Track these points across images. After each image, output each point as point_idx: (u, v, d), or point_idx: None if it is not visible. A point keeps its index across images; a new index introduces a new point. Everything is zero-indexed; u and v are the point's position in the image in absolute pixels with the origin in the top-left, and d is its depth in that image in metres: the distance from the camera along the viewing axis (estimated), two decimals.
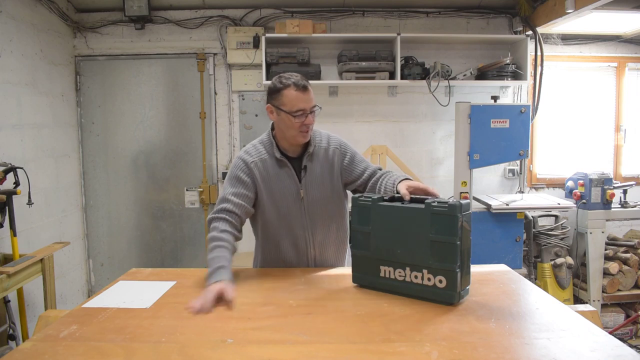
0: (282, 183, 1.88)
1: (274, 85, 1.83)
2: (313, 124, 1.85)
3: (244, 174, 1.87)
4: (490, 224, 3.42)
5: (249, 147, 1.95)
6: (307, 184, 1.89)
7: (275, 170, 1.88)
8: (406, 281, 1.58)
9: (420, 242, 1.55)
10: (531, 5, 3.64)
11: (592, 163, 4.03)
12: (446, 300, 1.51)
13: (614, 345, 1.21)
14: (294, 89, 1.78)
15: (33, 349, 1.24)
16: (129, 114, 3.91)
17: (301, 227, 1.91)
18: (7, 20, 2.99)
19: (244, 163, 1.89)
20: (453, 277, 1.50)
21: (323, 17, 3.84)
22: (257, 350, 1.24)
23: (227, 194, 1.85)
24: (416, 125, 3.99)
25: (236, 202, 1.83)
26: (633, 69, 4.10)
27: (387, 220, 1.62)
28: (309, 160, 1.90)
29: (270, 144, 1.91)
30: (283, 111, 1.80)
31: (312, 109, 1.81)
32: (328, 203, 1.93)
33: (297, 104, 1.78)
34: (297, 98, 1.78)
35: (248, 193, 1.86)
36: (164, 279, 1.81)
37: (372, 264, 1.65)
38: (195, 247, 4.01)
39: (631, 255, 3.64)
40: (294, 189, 1.88)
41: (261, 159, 1.89)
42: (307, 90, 1.80)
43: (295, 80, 1.79)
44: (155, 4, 3.72)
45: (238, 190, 1.85)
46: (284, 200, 1.88)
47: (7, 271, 2.37)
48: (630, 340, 3.50)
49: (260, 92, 3.89)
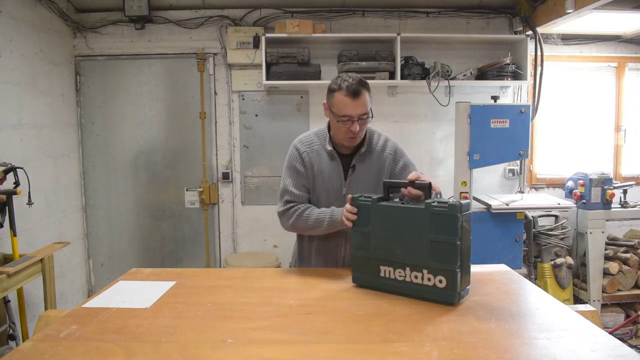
0: (328, 176, 1.90)
1: (331, 84, 1.83)
2: (361, 130, 1.82)
3: (298, 163, 1.92)
4: (490, 224, 3.42)
5: (303, 137, 1.98)
6: (351, 182, 1.91)
7: (325, 162, 1.91)
8: (406, 281, 1.58)
9: (420, 242, 1.55)
10: (531, 5, 3.64)
11: (592, 163, 4.03)
12: (446, 300, 1.51)
13: (614, 345, 1.21)
14: (344, 94, 1.76)
15: (33, 349, 1.24)
16: (129, 114, 3.91)
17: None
18: (7, 20, 2.99)
19: (297, 153, 1.93)
20: (453, 277, 1.50)
21: (323, 17, 3.84)
22: (257, 350, 1.24)
23: (288, 185, 1.92)
24: (416, 125, 3.99)
25: (297, 194, 1.91)
26: (633, 69, 4.10)
27: (387, 220, 1.62)
28: (359, 160, 1.91)
29: (325, 137, 1.93)
30: (332, 112, 1.82)
31: (360, 116, 1.78)
32: None
33: (344, 109, 1.77)
34: (345, 104, 1.76)
35: (305, 183, 1.92)
36: (164, 279, 1.81)
37: (372, 264, 1.65)
38: (195, 247, 4.01)
39: (631, 255, 3.64)
40: (337, 185, 1.90)
41: (312, 149, 1.93)
42: (357, 97, 1.76)
43: (349, 84, 1.76)
44: (155, 4, 3.72)
45: (296, 180, 1.92)
46: (326, 193, 1.91)
47: (7, 271, 2.37)
48: (630, 340, 3.50)
49: (260, 92, 3.89)
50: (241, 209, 4.00)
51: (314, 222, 1.85)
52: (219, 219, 4.00)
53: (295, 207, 1.89)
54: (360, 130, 1.80)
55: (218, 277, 1.91)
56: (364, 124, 1.82)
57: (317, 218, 1.84)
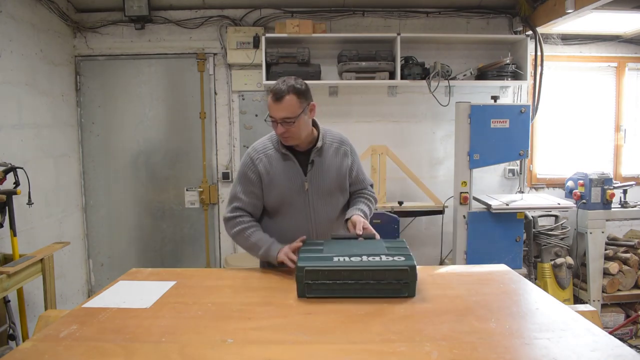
0: (286, 175, 1.94)
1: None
2: (289, 132, 1.86)
3: (250, 171, 1.97)
4: (490, 224, 3.42)
5: (257, 143, 2.04)
6: (312, 177, 1.95)
7: (280, 163, 1.95)
8: (363, 261, 1.58)
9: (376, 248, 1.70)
10: (531, 5, 3.64)
11: (592, 163, 4.03)
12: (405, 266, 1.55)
13: (614, 345, 1.21)
14: (271, 97, 1.85)
15: (33, 349, 1.24)
16: (129, 114, 3.91)
17: (305, 219, 1.97)
18: (7, 20, 2.99)
19: (250, 160, 1.98)
20: (411, 257, 1.61)
21: (323, 17, 3.84)
22: (257, 350, 1.24)
23: (238, 192, 1.99)
24: (416, 125, 3.99)
25: (246, 201, 1.97)
26: (633, 69, 4.10)
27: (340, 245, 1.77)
28: (317, 155, 1.96)
29: (277, 139, 1.97)
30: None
31: (284, 119, 1.83)
32: (333, 197, 2.01)
33: (270, 111, 1.87)
34: (270, 106, 1.86)
35: (255, 190, 1.97)
36: (164, 279, 1.81)
37: (323, 260, 1.62)
38: (195, 247, 4.01)
39: (631, 255, 3.64)
40: (298, 181, 1.94)
41: (266, 153, 1.97)
42: (279, 101, 1.83)
43: (276, 88, 1.85)
44: (155, 4, 3.72)
45: (246, 188, 1.98)
46: (288, 192, 1.94)
47: (7, 271, 2.37)
48: (630, 340, 3.50)
49: (260, 92, 3.89)
50: None
51: (251, 245, 1.94)
52: (219, 219, 4.00)
53: (240, 220, 1.96)
54: (287, 132, 1.85)
55: (218, 277, 1.91)
56: (290, 127, 1.85)
57: (254, 243, 1.92)
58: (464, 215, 3.41)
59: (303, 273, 1.57)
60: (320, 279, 1.56)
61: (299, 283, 1.58)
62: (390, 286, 1.56)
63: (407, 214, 3.70)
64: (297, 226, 1.96)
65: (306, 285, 1.57)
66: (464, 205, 3.42)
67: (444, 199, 3.70)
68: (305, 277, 1.56)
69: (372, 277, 1.55)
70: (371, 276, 1.55)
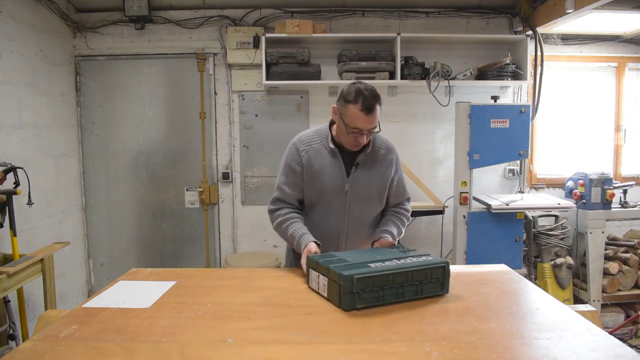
0: (330, 173, 1.91)
1: (346, 94, 1.82)
2: (367, 141, 1.86)
3: (294, 162, 1.94)
4: (490, 224, 3.42)
5: (303, 135, 1.99)
6: (354, 179, 1.92)
7: (327, 159, 1.92)
8: (402, 264, 1.57)
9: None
10: (531, 5, 3.64)
11: (592, 163, 4.02)
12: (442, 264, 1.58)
13: (614, 345, 1.21)
14: (359, 108, 1.77)
15: (33, 349, 1.24)
16: (129, 114, 3.91)
17: (339, 220, 1.94)
18: (7, 20, 2.99)
19: (295, 150, 1.95)
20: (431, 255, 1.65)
21: (323, 17, 3.84)
22: (257, 350, 1.24)
23: (281, 182, 1.96)
24: (416, 125, 3.99)
25: (288, 192, 1.95)
26: (633, 69, 4.10)
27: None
28: (362, 159, 1.93)
29: (326, 135, 1.94)
30: (342, 121, 1.83)
31: (370, 130, 1.82)
32: (370, 203, 1.98)
33: (356, 122, 1.79)
34: (359, 118, 1.78)
35: (298, 182, 1.94)
36: (164, 279, 1.81)
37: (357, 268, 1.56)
38: (195, 247, 4.01)
39: (631, 255, 3.63)
40: (340, 181, 1.92)
41: (312, 147, 1.93)
42: (371, 113, 1.78)
43: (364, 98, 1.77)
44: (155, 4, 3.72)
45: (289, 179, 1.94)
46: (328, 190, 1.92)
47: (7, 271, 2.37)
48: (630, 340, 3.50)
49: (260, 92, 3.89)
50: (241, 209, 4.00)
51: (288, 238, 1.92)
52: (219, 219, 4.00)
53: (279, 212, 1.94)
54: (366, 140, 1.85)
55: (218, 277, 1.91)
56: (371, 135, 1.86)
57: (290, 235, 1.90)
58: (464, 215, 3.41)
59: (352, 282, 1.44)
60: (369, 286, 1.47)
61: (346, 294, 1.45)
62: (430, 285, 1.56)
63: None
64: (330, 226, 1.94)
65: (356, 295, 1.46)
66: (464, 205, 3.42)
67: (444, 199, 3.70)
68: (355, 286, 1.45)
69: (415, 279, 1.54)
70: (414, 277, 1.54)
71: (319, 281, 1.61)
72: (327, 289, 1.55)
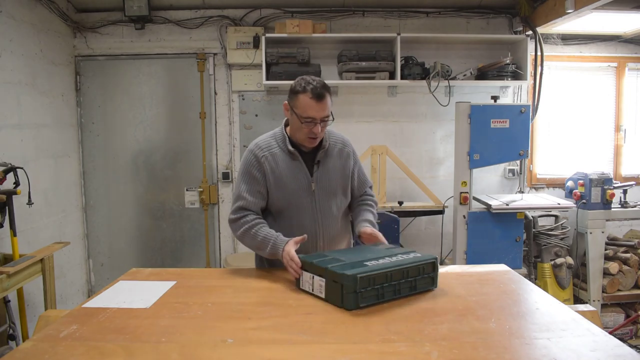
0: (293, 176, 1.91)
1: (294, 86, 1.85)
2: (322, 132, 1.86)
3: (254, 169, 1.91)
4: (490, 224, 3.42)
5: (260, 141, 1.98)
6: (319, 177, 1.93)
7: (287, 163, 1.91)
8: (395, 261, 1.59)
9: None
10: (531, 5, 3.64)
11: (592, 163, 4.03)
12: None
13: (614, 345, 1.21)
14: (309, 96, 1.79)
15: (33, 349, 1.24)
16: (129, 114, 3.91)
17: (312, 220, 1.93)
18: (7, 20, 2.99)
19: (254, 157, 1.92)
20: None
21: (323, 17, 3.84)
22: (257, 350, 1.24)
23: (242, 191, 1.91)
24: (416, 125, 3.99)
25: (251, 200, 1.90)
26: (633, 69, 4.10)
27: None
28: (322, 156, 1.94)
29: (283, 138, 1.94)
30: (295, 113, 1.83)
31: (323, 119, 1.82)
32: (338, 198, 1.99)
33: (308, 111, 1.80)
34: (310, 106, 1.79)
35: (260, 189, 1.91)
36: (164, 279, 1.81)
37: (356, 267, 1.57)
38: (195, 247, 4.01)
39: (631, 255, 3.63)
40: (305, 182, 1.91)
41: (272, 152, 1.92)
42: (321, 100, 1.79)
43: (313, 87, 1.79)
44: (155, 4, 3.72)
45: (251, 187, 1.91)
46: (295, 193, 1.91)
47: (7, 271, 2.37)
48: (630, 340, 3.50)
49: (260, 92, 3.89)
50: None
51: (258, 243, 1.84)
52: (219, 219, 4.00)
53: (245, 220, 1.88)
54: (321, 131, 1.85)
55: (218, 277, 1.91)
56: (325, 126, 1.86)
57: (261, 241, 1.83)
58: (464, 215, 3.41)
59: (356, 282, 1.44)
60: (370, 284, 1.48)
61: (349, 294, 1.45)
62: (423, 281, 1.60)
63: (407, 214, 3.70)
64: (303, 228, 1.91)
65: (359, 294, 1.46)
66: (464, 205, 3.42)
67: (444, 199, 3.70)
68: (358, 285, 1.45)
69: (410, 275, 1.57)
70: (409, 274, 1.56)
71: (313, 282, 1.60)
72: (325, 290, 1.55)
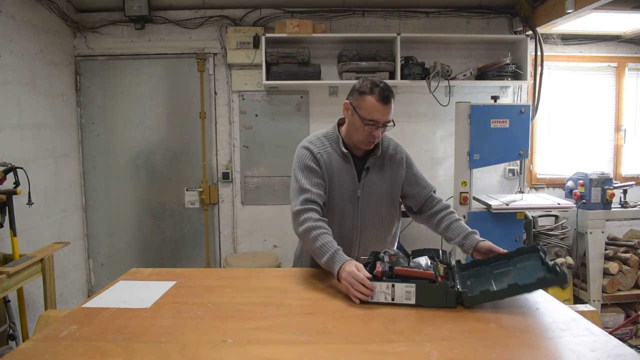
0: (342, 179, 1.87)
1: (360, 86, 1.81)
2: (381, 136, 1.83)
3: (313, 162, 1.85)
4: (490, 224, 3.42)
5: (313, 139, 1.92)
6: (365, 184, 1.89)
7: (338, 164, 1.87)
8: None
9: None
10: (531, 5, 3.64)
11: (592, 163, 4.03)
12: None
13: (614, 345, 1.21)
14: (377, 98, 1.75)
15: (33, 349, 1.24)
16: (129, 114, 3.91)
17: (351, 226, 1.90)
18: (7, 20, 2.99)
19: (310, 153, 1.87)
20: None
21: (323, 17, 3.84)
22: (257, 350, 1.24)
23: (304, 184, 1.81)
24: (416, 125, 3.99)
25: (315, 192, 1.80)
26: (633, 69, 4.10)
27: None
28: (372, 163, 1.90)
29: (336, 139, 1.90)
30: (358, 114, 1.79)
31: (385, 123, 1.79)
32: (383, 207, 1.93)
33: (373, 113, 1.76)
34: (376, 108, 1.76)
35: (321, 181, 1.85)
36: (164, 279, 1.81)
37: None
38: (195, 247, 4.01)
39: (631, 255, 3.63)
40: (351, 187, 1.88)
41: (325, 151, 1.88)
42: (388, 104, 1.77)
43: (381, 89, 1.76)
44: (155, 4, 3.72)
45: (313, 179, 1.83)
46: (340, 196, 1.87)
47: (7, 271, 2.37)
48: (630, 340, 3.50)
49: (260, 92, 3.89)
50: (241, 209, 4.00)
51: (315, 249, 1.70)
52: (219, 219, 4.00)
53: (309, 216, 1.75)
54: (381, 136, 1.82)
55: (218, 277, 1.91)
56: (385, 130, 1.83)
57: (319, 248, 1.68)
58: (464, 215, 3.41)
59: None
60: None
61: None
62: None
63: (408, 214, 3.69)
64: (342, 234, 1.87)
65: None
66: (464, 205, 3.42)
67: (444, 198, 3.67)
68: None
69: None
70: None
71: (394, 291, 1.51)
72: (417, 295, 1.49)
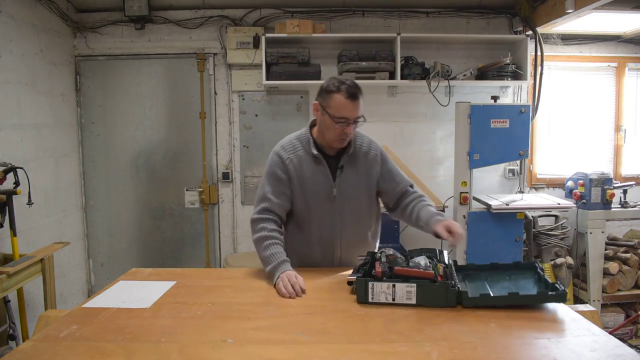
0: (316, 180, 1.89)
1: (327, 86, 1.82)
2: (352, 133, 1.84)
3: (280, 170, 1.89)
4: (490, 224, 3.41)
5: (285, 142, 1.95)
6: (341, 183, 1.90)
7: (310, 166, 1.89)
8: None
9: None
10: (531, 5, 3.64)
11: (592, 163, 4.03)
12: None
13: (614, 345, 1.21)
14: (344, 96, 1.77)
15: (33, 349, 1.24)
16: (129, 114, 3.90)
17: (330, 226, 1.92)
18: (7, 20, 2.99)
19: (279, 159, 1.90)
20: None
21: (323, 17, 3.83)
22: (257, 350, 1.24)
23: (267, 192, 1.89)
24: (416, 125, 3.99)
25: (276, 202, 1.88)
26: (633, 69, 4.10)
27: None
28: (346, 161, 1.91)
29: (307, 140, 1.91)
30: (327, 113, 1.80)
31: (356, 119, 1.80)
32: (360, 205, 1.95)
33: (342, 111, 1.78)
34: (344, 105, 1.77)
35: (285, 190, 1.89)
36: (164, 279, 1.82)
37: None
38: (195, 247, 4.01)
39: (631, 255, 3.63)
40: (327, 187, 1.89)
41: (296, 154, 1.90)
42: (356, 100, 1.78)
43: (348, 86, 1.78)
44: (155, 4, 3.71)
45: (276, 188, 1.89)
46: (316, 197, 1.89)
47: (7, 271, 2.37)
48: (630, 340, 3.50)
49: (260, 92, 3.89)
50: (241, 209, 4.00)
51: (263, 257, 1.82)
52: (219, 219, 4.00)
53: (264, 226, 1.85)
54: (352, 132, 1.83)
55: (218, 277, 1.92)
56: (357, 127, 1.84)
57: (267, 257, 1.80)
58: (464, 215, 3.41)
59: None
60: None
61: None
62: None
63: None
64: (323, 234, 1.91)
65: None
66: (464, 205, 3.42)
67: (444, 199, 3.70)
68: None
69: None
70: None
71: (394, 291, 1.51)
72: (418, 294, 1.50)
